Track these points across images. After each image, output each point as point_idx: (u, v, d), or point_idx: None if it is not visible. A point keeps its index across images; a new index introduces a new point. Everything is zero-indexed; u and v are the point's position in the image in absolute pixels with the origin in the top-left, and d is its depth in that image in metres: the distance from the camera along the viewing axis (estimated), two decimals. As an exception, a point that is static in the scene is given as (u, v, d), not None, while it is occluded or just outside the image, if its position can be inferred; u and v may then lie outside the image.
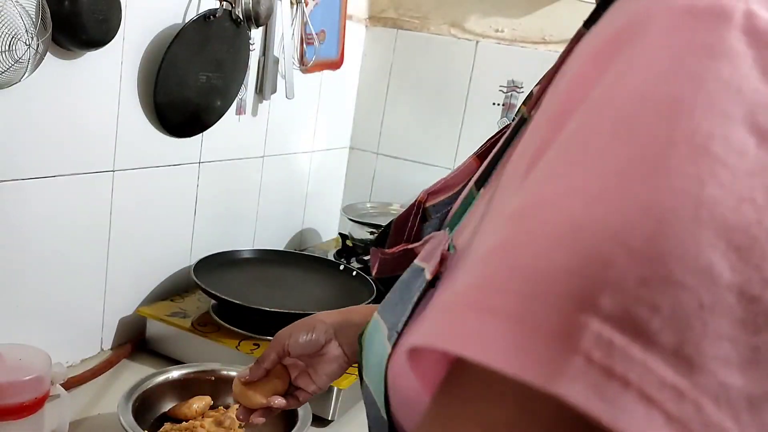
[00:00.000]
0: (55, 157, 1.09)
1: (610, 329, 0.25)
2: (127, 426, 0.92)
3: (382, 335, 0.44)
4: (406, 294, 0.44)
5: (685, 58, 0.30)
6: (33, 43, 0.93)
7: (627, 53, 0.32)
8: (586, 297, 0.26)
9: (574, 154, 0.31)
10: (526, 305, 0.27)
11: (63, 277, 1.16)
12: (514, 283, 0.28)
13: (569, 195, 0.29)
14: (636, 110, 0.30)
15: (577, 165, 0.30)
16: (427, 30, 1.90)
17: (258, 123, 1.58)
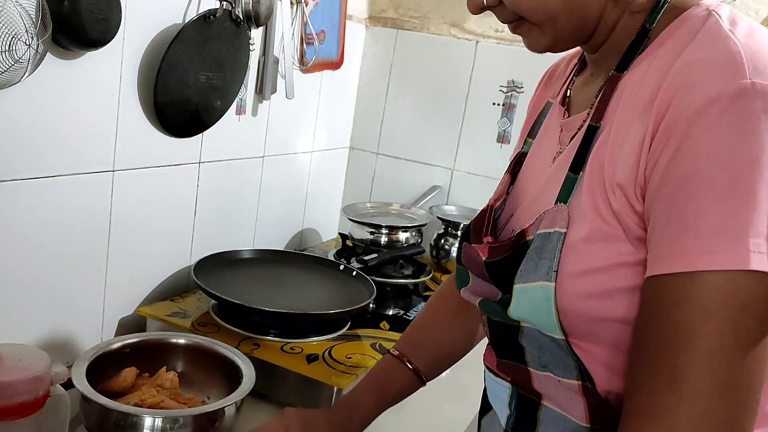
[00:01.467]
0: (55, 157, 1.09)
1: None
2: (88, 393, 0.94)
3: (539, 285, 0.66)
4: (545, 253, 0.66)
5: None
6: (33, 43, 0.93)
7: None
8: None
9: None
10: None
11: (63, 277, 1.16)
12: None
13: None
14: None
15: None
16: (427, 30, 1.90)
17: (258, 123, 1.58)
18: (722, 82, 0.56)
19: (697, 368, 0.55)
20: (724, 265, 0.54)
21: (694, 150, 0.56)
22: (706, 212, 0.55)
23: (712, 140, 0.55)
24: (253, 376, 1.06)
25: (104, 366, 1.06)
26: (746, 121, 0.55)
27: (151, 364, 1.11)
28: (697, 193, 0.56)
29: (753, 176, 0.54)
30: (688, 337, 0.55)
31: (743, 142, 0.55)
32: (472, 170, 1.88)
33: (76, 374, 0.97)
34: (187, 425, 0.96)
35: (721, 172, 0.55)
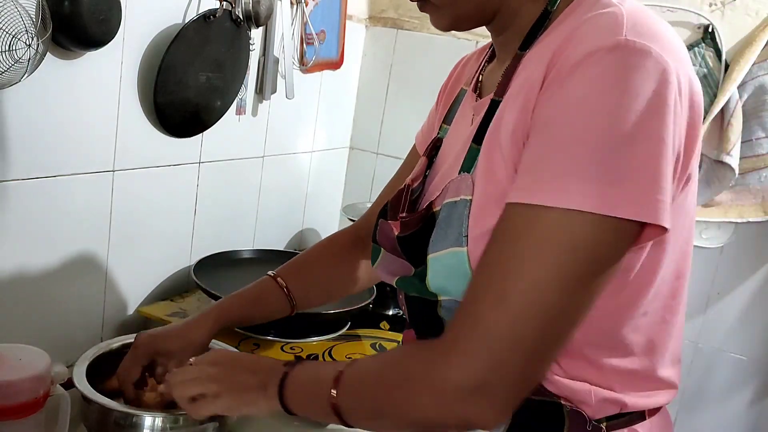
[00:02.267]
0: (55, 157, 1.09)
1: None
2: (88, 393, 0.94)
3: (450, 252, 0.69)
4: (452, 221, 0.70)
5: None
6: (33, 43, 0.93)
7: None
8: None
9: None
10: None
11: (63, 276, 1.16)
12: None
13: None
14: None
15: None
16: (427, 30, 1.90)
17: (258, 123, 1.58)
18: (601, 38, 0.60)
19: (521, 294, 0.58)
20: (559, 203, 0.58)
21: (563, 96, 0.60)
22: (555, 153, 0.59)
23: (579, 88, 0.59)
24: None
25: (104, 366, 1.06)
26: (613, 73, 0.59)
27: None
28: (555, 134, 0.60)
29: (605, 125, 0.58)
30: (519, 265, 0.59)
31: (605, 93, 0.58)
32: (472, 170, 1.88)
33: (77, 374, 0.97)
34: (187, 425, 0.96)
35: (579, 118, 0.59)
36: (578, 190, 0.57)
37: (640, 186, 0.58)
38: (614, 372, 0.71)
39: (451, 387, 0.60)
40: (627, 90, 0.58)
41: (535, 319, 0.58)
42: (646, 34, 0.60)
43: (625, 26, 0.61)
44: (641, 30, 0.61)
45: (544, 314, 0.58)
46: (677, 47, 0.63)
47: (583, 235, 0.58)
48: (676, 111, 0.60)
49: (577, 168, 0.58)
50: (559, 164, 0.59)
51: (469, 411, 0.60)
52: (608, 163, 0.57)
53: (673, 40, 0.63)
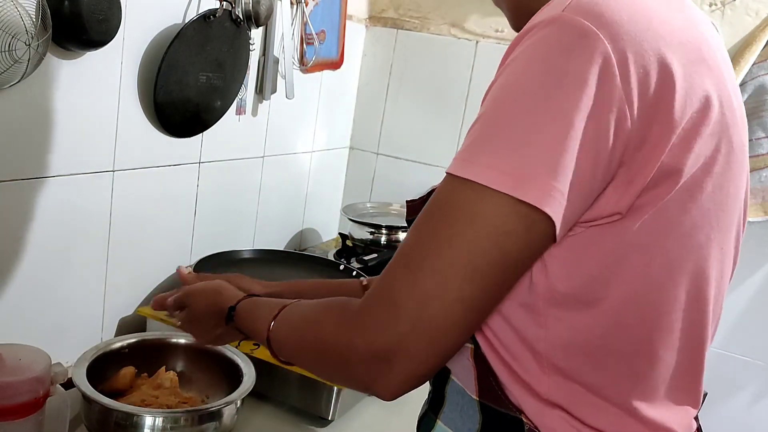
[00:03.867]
0: (55, 157, 1.09)
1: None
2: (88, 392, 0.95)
3: None
4: None
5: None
6: (33, 43, 0.93)
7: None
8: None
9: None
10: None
11: (63, 277, 1.16)
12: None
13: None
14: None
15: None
16: (427, 30, 1.90)
17: (258, 123, 1.58)
18: (543, 14, 0.59)
19: (431, 273, 0.57)
20: (464, 173, 0.57)
21: (505, 71, 0.59)
22: (476, 126, 0.59)
23: (513, 64, 0.58)
24: (253, 375, 1.06)
25: (104, 366, 1.06)
26: (539, 48, 0.57)
27: (151, 364, 1.11)
28: (484, 109, 0.60)
29: (514, 100, 0.57)
30: (435, 240, 0.58)
31: (526, 67, 0.57)
32: (472, 170, 1.88)
33: (77, 374, 0.97)
34: (188, 425, 0.96)
35: (501, 92, 0.58)
36: (482, 163, 0.57)
37: (533, 166, 0.55)
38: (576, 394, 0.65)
39: (354, 352, 0.61)
40: (545, 65, 0.56)
41: (440, 300, 0.57)
42: (590, 11, 0.56)
43: (570, 3, 0.58)
44: (586, 7, 0.57)
45: (449, 296, 0.57)
46: (640, 29, 0.57)
47: (490, 213, 0.56)
48: (604, 96, 0.55)
49: (484, 141, 0.57)
50: (476, 136, 0.58)
51: (369, 377, 0.61)
52: (509, 138, 0.56)
53: (636, 20, 0.57)
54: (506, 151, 0.56)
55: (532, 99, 0.56)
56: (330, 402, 1.14)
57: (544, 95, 0.56)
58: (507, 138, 0.56)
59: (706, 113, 0.60)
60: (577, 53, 0.55)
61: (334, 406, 1.15)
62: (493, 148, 0.57)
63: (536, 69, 0.56)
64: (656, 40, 0.58)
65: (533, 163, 0.55)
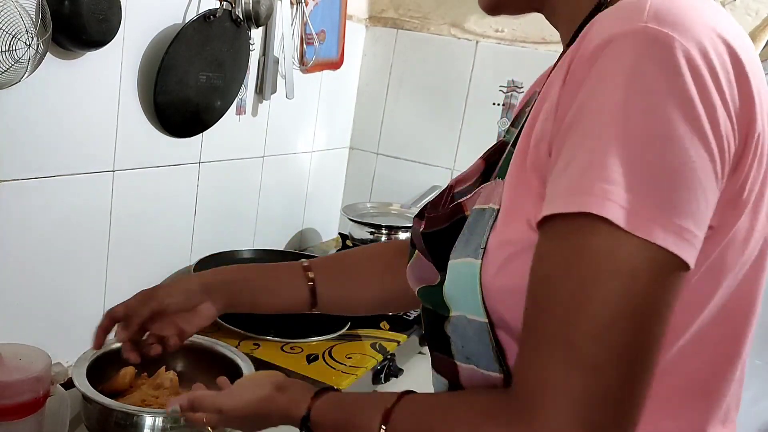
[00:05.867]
0: (55, 157, 1.09)
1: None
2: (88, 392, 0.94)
3: (465, 262, 0.63)
4: (477, 228, 0.64)
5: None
6: (33, 43, 0.93)
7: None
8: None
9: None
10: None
11: (63, 276, 1.16)
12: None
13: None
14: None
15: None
16: (427, 30, 1.90)
17: (258, 123, 1.58)
18: (619, 25, 0.54)
19: (592, 341, 0.51)
20: (594, 209, 0.51)
21: (583, 94, 0.54)
22: (581, 156, 0.52)
23: (595, 84, 0.53)
24: None
25: (104, 366, 1.06)
26: (628, 66, 0.52)
27: (151, 364, 1.10)
28: (577, 136, 0.53)
29: (619, 129, 0.51)
30: (578, 303, 0.52)
31: (618, 89, 0.52)
32: (472, 170, 1.88)
33: (77, 374, 0.97)
34: (188, 425, 0.96)
35: (596, 119, 0.52)
36: (624, 206, 0.50)
37: (658, 206, 0.50)
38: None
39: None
40: (642, 85, 0.51)
41: (614, 368, 0.51)
42: (670, 21, 0.52)
43: (647, 11, 0.53)
44: (664, 16, 0.53)
45: (621, 359, 0.51)
46: (714, 27, 0.55)
47: (644, 264, 0.50)
48: (707, 104, 0.52)
49: (602, 175, 0.51)
50: (590, 171, 0.51)
51: None
52: (630, 176, 0.50)
53: (707, 21, 0.55)
54: (648, 194, 0.50)
55: (638, 125, 0.51)
56: (330, 402, 1.14)
57: (653, 120, 0.51)
58: (653, 183, 0.51)
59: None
60: (676, 70, 0.51)
61: (334, 406, 1.15)
62: (638, 191, 0.50)
63: (634, 91, 0.51)
64: (724, 34, 0.55)
65: (675, 208, 0.51)
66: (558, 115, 0.56)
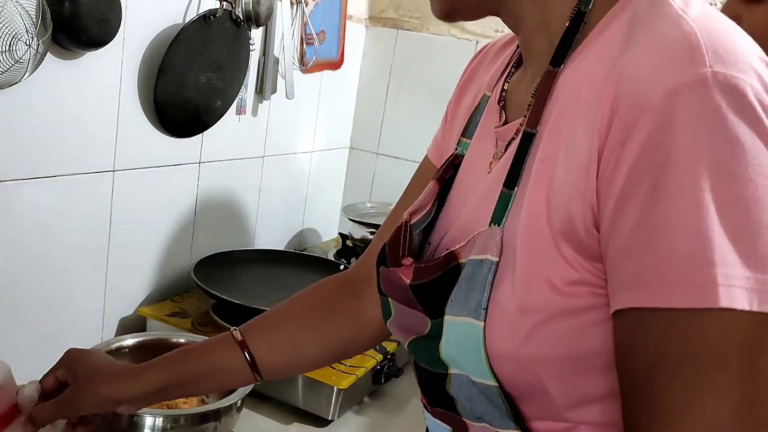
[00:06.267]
0: (55, 157, 1.09)
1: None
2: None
3: (466, 322, 0.57)
4: (475, 284, 0.57)
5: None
6: (33, 43, 0.93)
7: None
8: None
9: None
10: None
11: (63, 276, 1.16)
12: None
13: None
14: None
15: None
16: (427, 30, 1.90)
17: (258, 123, 1.58)
18: (679, 71, 0.47)
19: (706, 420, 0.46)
20: (693, 303, 0.46)
21: (658, 154, 0.47)
22: (676, 238, 0.46)
23: (678, 143, 0.46)
24: None
25: None
26: (711, 120, 0.46)
27: None
28: (671, 210, 0.47)
29: (704, 193, 0.46)
30: (686, 406, 0.47)
31: (702, 151, 0.46)
32: (472, 170, 1.88)
33: None
34: (188, 425, 0.96)
35: (693, 182, 0.46)
36: (702, 281, 0.46)
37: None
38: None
39: None
40: (737, 145, 0.46)
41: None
42: (731, 60, 0.48)
43: (705, 50, 0.47)
44: (723, 54, 0.48)
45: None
46: (754, 49, 0.51)
47: (741, 334, 0.46)
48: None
49: (699, 254, 0.46)
50: (680, 250, 0.46)
51: None
52: (737, 244, 0.46)
53: (749, 46, 0.51)
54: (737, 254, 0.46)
55: (734, 186, 0.46)
56: (330, 402, 1.14)
57: (746, 177, 0.46)
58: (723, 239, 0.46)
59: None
60: (756, 116, 0.47)
61: (334, 406, 1.15)
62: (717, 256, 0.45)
63: (719, 150, 0.46)
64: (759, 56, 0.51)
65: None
66: (603, 171, 0.50)
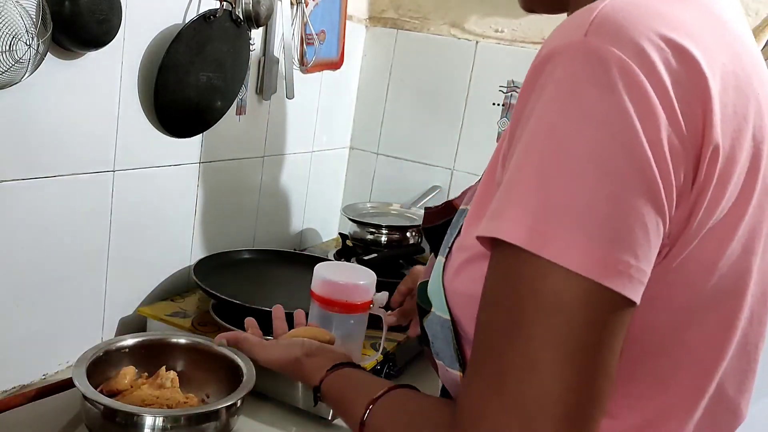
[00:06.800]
0: (55, 157, 1.09)
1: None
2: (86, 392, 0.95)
3: (439, 260, 0.66)
4: (454, 228, 0.67)
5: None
6: (33, 43, 0.93)
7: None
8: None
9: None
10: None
11: (63, 276, 1.16)
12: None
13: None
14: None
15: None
16: (427, 30, 1.90)
17: (258, 123, 1.58)
18: (561, 38, 0.51)
19: (520, 379, 0.48)
20: (499, 234, 0.49)
21: (519, 109, 0.53)
22: (511, 180, 0.50)
23: (531, 102, 0.51)
24: (253, 375, 1.06)
25: (104, 366, 1.06)
26: (563, 84, 0.49)
27: (151, 364, 1.11)
28: (516, 157, 0.51)
29: (552, 152, 0.49)
30: (512, 338, 0.49)
31: (552, 111, 0.49)
32: (472, 170, 1.88)
33: (77, 374, 0.97)
34: (188, 425, 0.96)
35: (530, 141, 0.50)
36: (559, 239, 0.47)
37: (589, 237, 0.47)
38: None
39: None
40: (576, 108, 0.48)
41: (540, 407, 0.47)
42: (612, 31, 0.49)
43: (591, 23, 0.50)
44: (607, 27, 0.49)
45: (549, 398, 0.47)
46: (661, 27, 0.51)
47: (578, 299, 0.47)
48: (646, 120, 0.48)
49: (520, 200, 0.49)
50: (511, 194, 0.50)
51: None
52: (555, 204, 0.48)
53: (653, 22, 0.51)
54: (551, 213, 0.48)
55: (572, 149, 0.48)
56: (330, 402, 1.14)
57: (587, 144, 0.48)
58: (574, 209, 0.47)
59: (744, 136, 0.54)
60: (613, 87, 0.48)
61: (334, 406, 1.15)
62: (561, 220, 0.47)
63: (567, 112, 0.49)
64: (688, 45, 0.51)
65: (607, 238, 0.47)
66: (511, 127, 0.55)
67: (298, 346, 0.90)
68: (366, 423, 0.68)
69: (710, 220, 0.53)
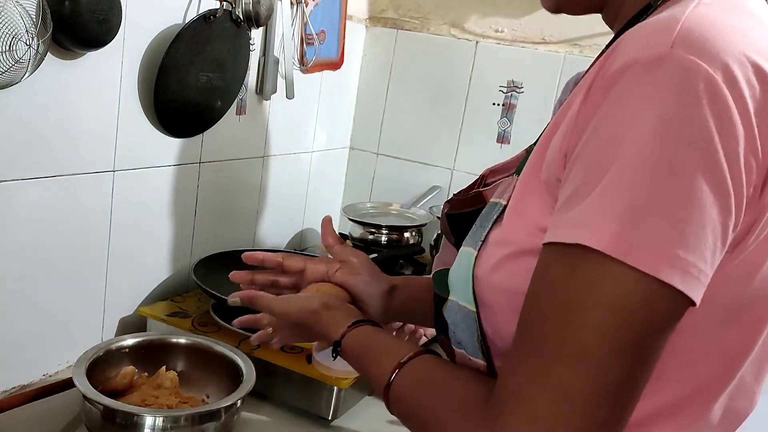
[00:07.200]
0: (55, 157, 1.09)
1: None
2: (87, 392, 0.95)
3: (467, 251, 0.67)
4: (485, 221, 0.67)
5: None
6: (33, 43, 0.93)
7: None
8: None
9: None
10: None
11: (63, 276, 1.16)
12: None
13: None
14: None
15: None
16: (427, 30, 1.90)
17: (258, 123, 1.58)
18: (643, 47, 0.51)
19: (565, 369, 0.50)
20: (581, 239, 0.50)
21: (599, 119, 0.52)
22: (586, 189, 0.51)
23: (612, 111, 0.51)
24: (253, 375, 1.06)
25: (104, 366, 1.06)
26: (648, 95, 0.50)
27: (151, 364, 1.11)
28: (589, 166, 0.52)
29: (636, 161, 0.50)
30: (558, 330, 0.51)
31: (637, 121, 0.50)
32: (472, 170, 1.88)
33: (77, 374, 0.97)
34: (188, 425, 0.96)
35: (611, 150, 0.51)
36: (599, 230, 0.50)
37: (662, 239, 0.49)
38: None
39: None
40: (661, 118, 0.49)
41: (586, 398, 0.49)
42: (698, 46, 0.50)
43: (676, 34, 0.51)
44: (694, 40, 0.50)
45: (596, 391, 0.50)
46: (746, 48, 0.52)
47: (620, 288, 0.49)
48: (726, 136, 0.49)
49: (604, 208, 0.50)
50: (595, 202, 0.51)
51: None
52: (633, 207, 0.49)
53: (739, 43, 0.52)
54: (633, 221, 0.49)
55: (655, 160, 0.49)
56: (330, 402, 1.14)
57: (669, 154, 0.49)
58: (631, 206, 0.49)
59: None
60: (700, 100, 0.49)
61: (334, 406, 1.15)
62: (644, 228, 0.49)
63: (652, 123, 0.49)
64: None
65: (685, 244, 0.49)
66: (576, 131, 0.55)
67: (317, 299, 0.89)
68: (392, 386, 0.69)
69: (766, 230, 0.56)
